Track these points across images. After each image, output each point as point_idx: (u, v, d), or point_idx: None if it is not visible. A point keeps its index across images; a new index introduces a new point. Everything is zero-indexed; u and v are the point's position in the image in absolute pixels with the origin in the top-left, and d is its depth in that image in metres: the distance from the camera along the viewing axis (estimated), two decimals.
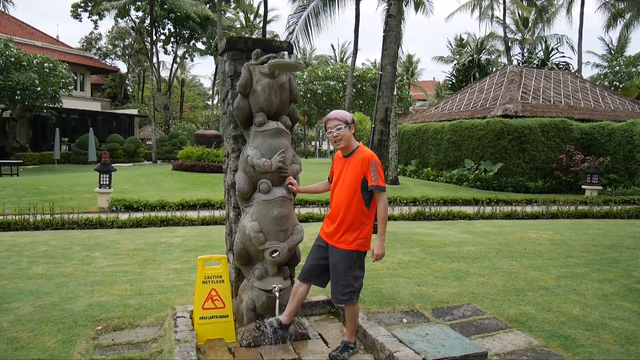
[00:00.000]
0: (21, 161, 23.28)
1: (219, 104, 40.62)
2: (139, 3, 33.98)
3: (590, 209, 11.70)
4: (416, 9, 22.18)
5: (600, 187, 15.78)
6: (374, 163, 3.49)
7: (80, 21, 34.17)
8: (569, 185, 17.17)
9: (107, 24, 62.83)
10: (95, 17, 32.58)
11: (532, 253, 6.83)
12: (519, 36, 38.26)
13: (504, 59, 37.49)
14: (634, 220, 11.03)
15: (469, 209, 11.51)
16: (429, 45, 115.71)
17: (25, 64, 23.33)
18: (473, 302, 4.75)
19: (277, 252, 3.68)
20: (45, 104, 25.27)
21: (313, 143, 54.58)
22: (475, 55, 35.64)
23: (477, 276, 5.62)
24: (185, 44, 39.01)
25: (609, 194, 15.50)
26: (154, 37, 34.72)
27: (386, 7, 9.27)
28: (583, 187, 15.98)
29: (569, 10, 35.62)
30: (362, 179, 3.50)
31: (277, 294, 3.68)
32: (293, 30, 20.04)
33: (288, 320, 3.68)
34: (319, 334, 4.05)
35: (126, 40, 45.96)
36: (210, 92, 54.74)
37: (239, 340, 3.81)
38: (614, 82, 33.29)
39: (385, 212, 3.51)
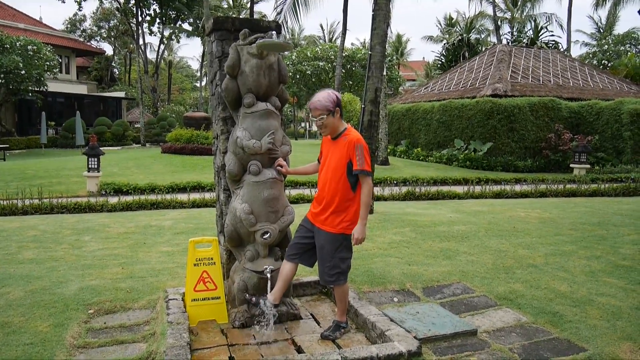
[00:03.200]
0: (7, 146, 22.96)
1: (207, 86, 40.14)
2: None
3: (578, 188, 11.81)
4: None
5: (589, 166, 15.93)
6: (360, 147, 3.44)
7: (64, 2, 33.37)
8: (557, 164, 17.31)
9: (91, 5, 61.71)
10: None
11: (521, 231, 6.90)
12: (508, 15, 38.06)
13: (493, 38, 37.37)
14: (621, 198, 11.16)
15: (459, 189, 11.58)
16: (418, 24, 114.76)
17: (8, 46, 22.86)
18: (463, 281, 4.80)
19: (268, 234, 3.69)
20: (30, 88, 24.86)
21: (303, 124, 54.34)
22: (464, 35, 35.48)
23: (466, 255, 5.68)
24: (172, 24, 38.32)
25: (597, 172, 15.64)
26: (140, 18, 34.07)
27: None
28: (571, 165, 16.12)
29: None
30: (348, 162, 3.46)
31: (268, 275, 3.69)
32: (281, 10, 19.79)
33: (275, 299, 3.66)
34: (311, 314, 4.09)
35: (111, 21, 45.05)
36: (198, 74, 54.12)
37: (232, 322, 3.83)
38: (603, 61, 33.36)
39: (368, 197, 3.49)
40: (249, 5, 33.45)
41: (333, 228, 3.53)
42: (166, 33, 39.91)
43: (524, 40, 34.21)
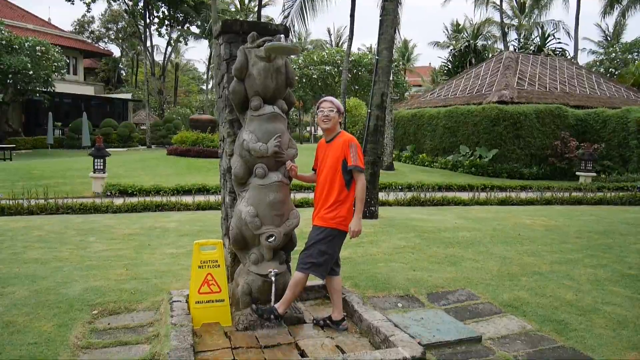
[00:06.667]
0: (14, 145, 23.05)
1: (213, 89, 40.24)
2: None
3: (584, 196, 11.75)
4: None
5: (595, 174, 15.86)
6: (354, 145, 3.67)
7: (73, 4, 33.53)
8: (563, 172, 17.23)
9: (99, 7, 62.01)
10: (87, 0, 32.04)
11: (526, 239, 6.87)
12: (515, 22, 38.05)
13: (500, 45, 37.35)
14: (627, 206, 11.11)
15: (464, 195, 11.55)
16: (425, 30, 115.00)
17: (16, 47, 22.99)
18: (468, 287, 4.78)
19: (273, 237, 3.68)
20: (37, 88, 24.97)
21: (308, 128, 54.35)
22: (471, 41, 35.43)
23: (471, 261, 5.65)
24: (179, 27, 38.52)
25: (603, 180, 15.56)
26: (148, 20, 34.26)
27: None
28: (577, 173, 16.04)
29: None
30: (343, 160, 3.66)
31: (273, 279, 3.69)
32: (288, 14, 19.79)
33: (338, 316, 3.86)
34: (314, 318, 4.06)
35: (119, 23, 45.34)
36: (205, 77, 54.32)
37: (235, 325, 3.82)
38: (610, 69, 33.29)
39: (362, 192, 3.67)
40: (256, 8, 33.57)
41: (325, 222, 3.68)
42: (174, 35, 40.12)
43: (531, 47, 34.17)
